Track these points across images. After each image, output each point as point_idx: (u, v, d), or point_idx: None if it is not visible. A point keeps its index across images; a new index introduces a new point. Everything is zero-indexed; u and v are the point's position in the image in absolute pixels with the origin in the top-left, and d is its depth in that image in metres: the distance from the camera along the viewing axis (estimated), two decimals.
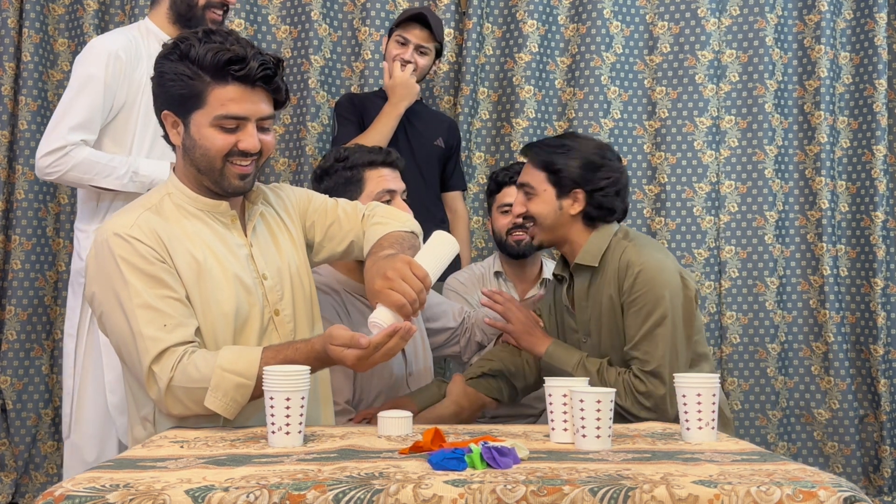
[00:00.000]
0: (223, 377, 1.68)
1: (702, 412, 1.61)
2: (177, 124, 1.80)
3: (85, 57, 2.52)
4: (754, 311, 3.48)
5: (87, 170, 2.44)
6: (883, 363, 3.42)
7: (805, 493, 1.22)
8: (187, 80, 1.75)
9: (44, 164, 2.44)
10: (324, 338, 1.69)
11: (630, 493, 1.22)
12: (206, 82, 1.75)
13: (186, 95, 1.76)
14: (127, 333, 1.72)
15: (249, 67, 1.74)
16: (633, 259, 2.07)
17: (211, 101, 1.75)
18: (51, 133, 2.45)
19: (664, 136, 3.53)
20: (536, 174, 2.17)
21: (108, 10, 3.42)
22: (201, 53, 1.73)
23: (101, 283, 1.75)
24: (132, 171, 2.47)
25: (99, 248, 1.76)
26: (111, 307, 1.74)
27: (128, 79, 2.50)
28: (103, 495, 1.18)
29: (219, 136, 1.77)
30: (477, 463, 1.33)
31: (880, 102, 3.48)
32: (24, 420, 3.31)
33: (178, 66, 1.75)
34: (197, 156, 1.79)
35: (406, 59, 3.04)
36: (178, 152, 1.85)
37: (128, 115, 2.53)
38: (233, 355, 1.71)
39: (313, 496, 1.20)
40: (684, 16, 3.54)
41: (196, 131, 1.77)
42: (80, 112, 2.44)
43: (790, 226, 3.53)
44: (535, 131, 3.46)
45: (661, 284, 2.04)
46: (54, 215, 3.42)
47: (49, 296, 3.39)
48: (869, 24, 3.52)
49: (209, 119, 1.76)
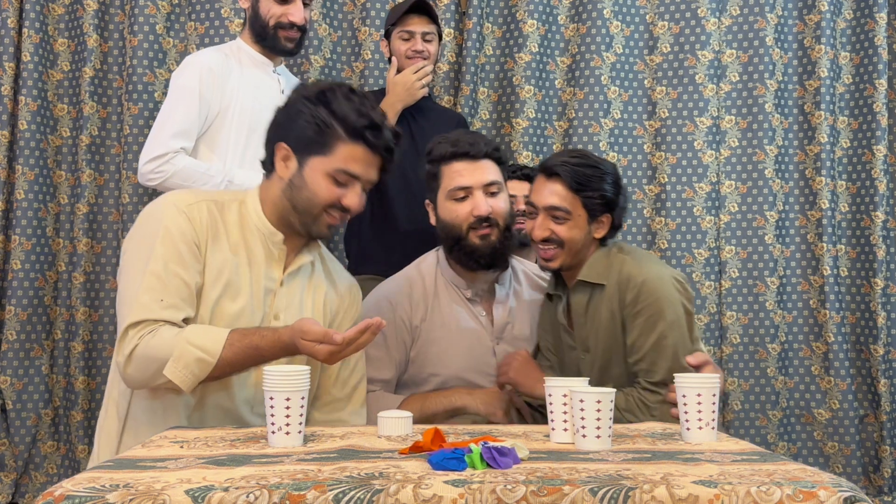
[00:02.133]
0: (186, 349, 1.71)
1: (702, 412, 1.61)
2: (288, 158, 1.86)
3: (181, 71, 2.69)
4: (754, 311, 3.48)
5: (186, 177, 2.56)
6: (883, 363, 3.42)
7: (805, 493, 1.22)
8: (322, 127, 1.81)
9: (147, 170, 2.58)
10: (293, 330, 1.72)
11: (630, 493, 1.22)
12: (338, 135, 1.82)
13: (314, 139, 1.82)
14: (126, 290, 1.77)
15: (383, 137, 1.84)
16: (633, 273, 2.04)
17: (336, 154, 1.82)
18: (153, 141, 2.60)
19: (664, 136, 3.53)
20: (569, 196, 2.05)
21: (108, 10, 3.42)
22: (346, 109, 1.81)
23: (138, 240, 1.82)
24: (227, 181, 2.59)
25: (155, 208, 1.85)
26: (132, 263, 1.80)
27: (220, 90, 2.65)
28: (103, 495, 1.18)
29: (331, 187, 1.84)
30: (477, 463, 1.33)
31: (880, 102, 3.48)
32: (24, 420, 3.31)
33: (317, 110, 1.82)
34: (301, 196, 1.85)
35: (418, 50, 3.00)
36: (277, 182, 1.89)
37: (221, 124, 2.66)
38: (200, 331, 1.75)
39: (313, 496, 1.19)
40: (684, 16, 3.54)
41: (310, 174, 1.84)
42: (178, 121, 2.59)
43: (790, 226, 3.53)
44: (535, 131, 3.46)
45: (663, 296, 2.02)
46: (54, 215, 3.42)
47: (49, 296, 3.39)
48: (869, 24, 3.52)
49: (328, 168, 1.83)
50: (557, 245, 2.07)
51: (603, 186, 2.06)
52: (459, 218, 2.22)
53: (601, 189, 2.05)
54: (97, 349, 3.39)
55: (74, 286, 3.34)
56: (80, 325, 3.33)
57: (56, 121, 3.43)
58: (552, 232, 2.05)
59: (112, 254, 3.40)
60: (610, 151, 3.49)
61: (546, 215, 2.07)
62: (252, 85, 2.71)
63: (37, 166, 3.37)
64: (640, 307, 2.01)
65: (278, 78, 2.82)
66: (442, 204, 2.26)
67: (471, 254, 2.24)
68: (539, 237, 2.08)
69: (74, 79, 3.43)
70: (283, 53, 2.80)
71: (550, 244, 2.08)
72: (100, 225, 3.40)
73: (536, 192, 2.11)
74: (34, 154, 3.36)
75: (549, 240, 2.07)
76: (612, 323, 2.08)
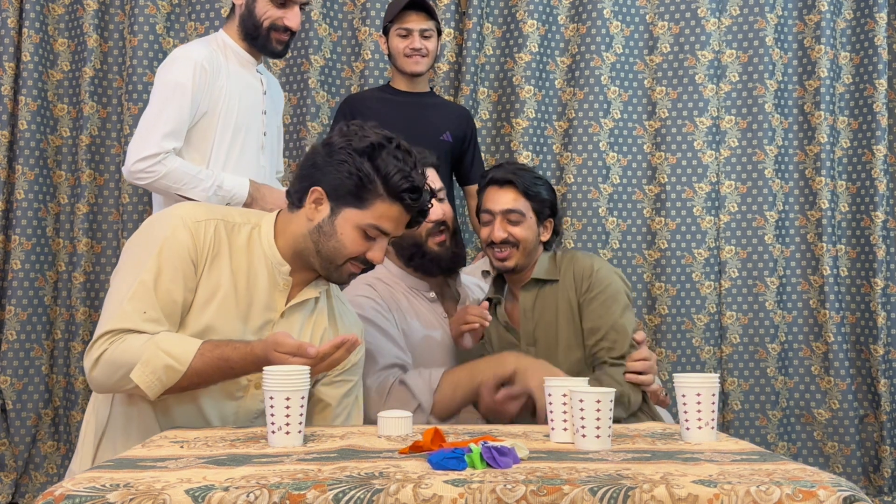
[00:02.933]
0: (156, 354, 1.68)
1: (702, 412, 1.61)
2: (321, 202, 1.84)
3: (171, 65, 2.59)
4: (754, 311, 3.48)
5: (176, 179, 2.52)
6: (883, 363, 3.43)
7: (805, 493, 1.22)
8: (364, 182, 1.80)
9: (137, 169, 2.50)
10: (266, 343, 1.70)
11: (630, 493, 1.22)
12: (378, 192, 1.81)
13: (353, 192, 1.81)
14: (117, 295, 1.76)
15: (421, 200, 1.85)
16: (587, 263, 2.30)
17: (373, 210, 1.82)
18: (144, 140, 2.51)
19: (664, 136, 3.53)
20: (522, 201, 2.30)
21: (108, 10, 3.42)
22: (391, 168, 1.80)
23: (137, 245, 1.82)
24: (217, 185, 2.55)
25: (161, 218, 1.84)
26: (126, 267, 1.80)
27: (210, 89, 2.57)
28: (103, 495, 1.18)
29: (360, 240, 1.83)
30: (477, 463, 1.33)
31: (880, 102, 3.48)
32: (24, 420, 3.31)
33: (362, 163, 1.80)
34: (328, 244, 1.83)
35: (416, 48, 2.97)
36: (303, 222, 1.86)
37: (208, 124, 2.59)
38: (173, 339, 1.72)
39: (313, 496, 1.20)
40: (684, 16, 3.54)
41: (341, 224, 1.83)
42: (170, 120, 2.52)
43: (790, 226, 3.53)
44: (535, 131, 3.46)
45: (614, 282, 2.28)
46: (54, 215, 3.42)
47: (49, 296, 3.39)
48: (869, 24, 3.52)
49: (361, 222, 1.82)
50: (513, 245, 2.30)
51: (545, 193, 2.34)
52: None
53: (545, 195, 2.33)
54: None
55: (74, 286, 3.34)
56: (80, 325, 3.33)
57: (56, 121, 3.44)
58: (509, 233, 2.29)
59: (112, 254, 3.40)
60: (610, 151, 3.49)
61: (503, 218, 2.30)
62: (239, 85, 2.64)
63: (37, 166, 3.37)
64: (596, 292, 2.25)
65: (261, 78, 2.74)
66: None
67: (433, 261, 2.36)
68: (499, 238, 2.29)
69: (74, 79, 3.43)
70: (271, 55, 2.72)
71: (507, 245, 2.30)
72: (100, 225, 3.40)
73: (491, 200, 2.33)
74: (34, 154, 3.37)
75: (506, 241, 2.29)
76: (569, 312, 2.27)
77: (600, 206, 3.47)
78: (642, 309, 3.51)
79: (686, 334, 3.48)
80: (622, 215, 3.51)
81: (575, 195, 3.46)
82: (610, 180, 3.50)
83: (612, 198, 3.50)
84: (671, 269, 3.49)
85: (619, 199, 3.51)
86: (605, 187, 3.49)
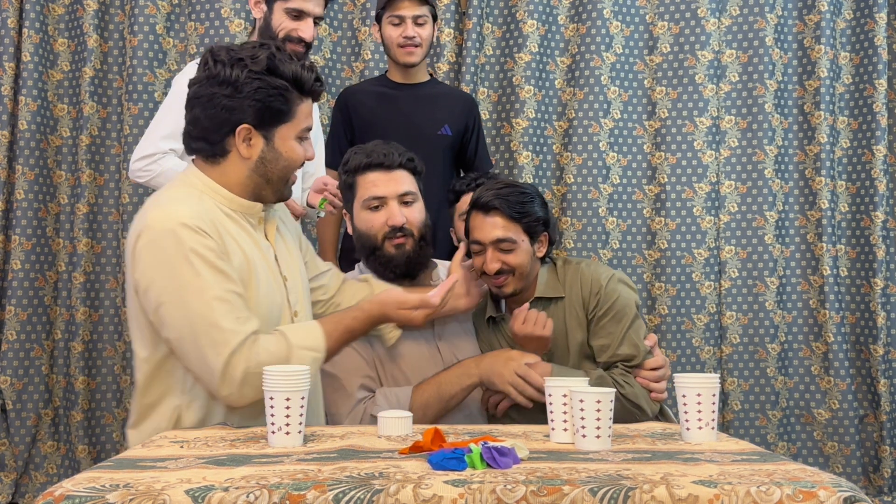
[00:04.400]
0: (302, 354, 1.77)
1: (702, 412, 1.61)
2: (251, 138, 1.83)
3: (182, 75, 2.72)
4: (754, 311, 3.48)
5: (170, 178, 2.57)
6: (883, 363, 3.43)
7: (805, 493, 1.22)
8: (285, 94, 1.83)
9: (136, 167, 2.64)
10: (382, 304, 1.90)
11: (630, 493, 1.22)
12: (296, 97, 1.85)
13: (278, 110, 1.83)
14: (197, 325, 1.70)
15: (322, 84, 1.89)
16: (593, 276, 2.20)
17: (297, 115, 1.86)
18: (146, 140, 2.66)
19: (664, 136, 3.53)
20: (512, 226, 2.15)
21: (108, 11, 3.42)
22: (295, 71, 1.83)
23: (163, 273, 1.73)
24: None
25: (160, 236, 1.73)
26: (176, 298, 1.72)
27: None
28: (103, 495, 1.18)
29: (299, 148, 1.88)
30: (477, 463, 1.33)
31: (880, 102, 3.48)
32: (24, 420, 3.32)
33: (273, 80, 1.81)
34: (277, 167, 1.86)
35: (409, 36, 2.89)
36: (238, 164, 1.85)
37: None
38: (300, 333, 1.80)
39: (313, 496, 1.20)
40: (684, 16, 3.54)
41: (281, 144, 1.85)
42: (171, 123, 2.60)
43: (790, 226, 3.54)
44: (535, 131, 3.46)
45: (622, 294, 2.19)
46: (54, 215, 3.42)
47: (49, 296, 3.39)
48: (869, 24, 3.52)
49: (296, 131, 1.86)
50: (509, 273, 2.17)
51: (535, 209, 2.19)
52: (374, 228, 2.24)
53: (534, 212, 2.18)
54: (97, 349, 3.39)
55: (74, 286, 3.34)
56: (80, 325, 3.33)
57: (56, 121, 3.44)
58: (503, 263, 2.15)
59: (112, 254, 3.40)
60: (610, 151, 3.49)
61: (493, 248, 2.16)
62: None
63: (37, 166, 3.37)
64: (605, 308, 2.17)
65: None
66: (357, 214, 2.28)
67: (386, 263, 2.25)
68: (493, 270, 2.16)
69: (74, 79, 3.43)
70: None
71: (502, 275, 2.17)
72: (100, 225, 3.40)
73: (478, 229, 2.18)
74: (34, 154, 3.37)
75: (501, 271, 2.16)
76: (578, 328, 2.20)
77: (600, 206, 3.47)
78: (642, 309, 3.50)
79: (686, 334, 3.48)
80: (622, 215, 3.51)
81: (575, 195, 3.46)
82: (610, 180, 3.50)
83: (612, 198, 3.50)
84: (671, 269, 3.49)
85: (619, 199, 3.51)
86: (605, 187, 3.49)
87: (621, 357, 2.16)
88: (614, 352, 2.16)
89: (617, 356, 2.16)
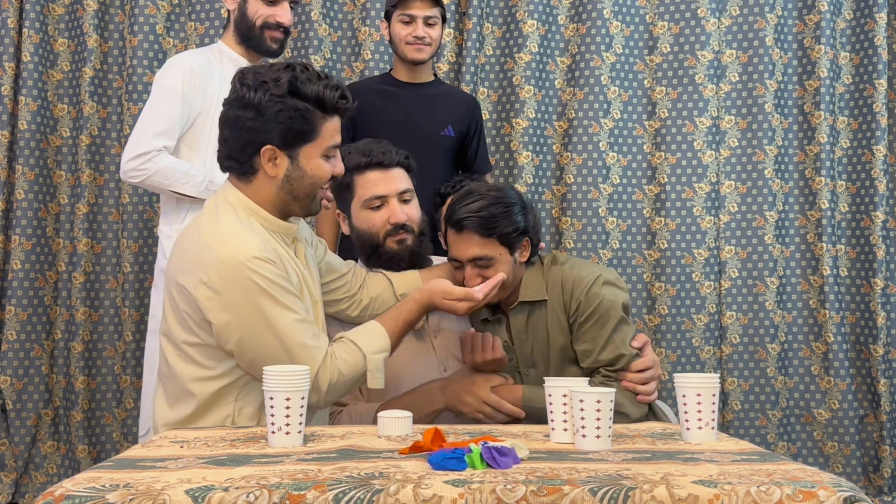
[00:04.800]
0: (374, 359, 1.89)
1: (702, 412, 1.61)
2: (276, 157, 1.87)
3: (164, 71, 2.73)
4: (754, 311, 3.48)
5: (167, 175, 2.62)
6: (883, 363, 3.43)
7: (805, 493, 1.22)
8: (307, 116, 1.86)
9: (129, 168, 2.63)
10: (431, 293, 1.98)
11: (630, 493, 1.22)
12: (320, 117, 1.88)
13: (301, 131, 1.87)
14: (289, 348, 1.80)
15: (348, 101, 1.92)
16: (576, 278, 2.14)
17: (323, 134, 1.89)
18: (136, 139, 2.65)
19: (664, 136, 3.53)
20: (485, 242, 2.08)
21: (108, 10, 3.42)
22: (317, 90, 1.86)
23: (241, 308, 1.78)
24: (208, 180, 2.64)
25: (232, 273, 1.78)
26: (257, 329, 1.80)
27: (202, 91, 2.69)
28: (103, 495, 1.18)
29: (326, 165, 1.92)
30: (477, 463, 1.33)
31: (880, 102, 3.48)
32: (24, 420, 3.32)
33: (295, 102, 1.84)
34: (303, 185, 1.90)
35: (419, 36, 2.88)
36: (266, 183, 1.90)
37: (202, 125, 2.70)
38: (367, 338, 1.92)
39: (313, 496, 1.20)
40: (684, 16, 3.54)
41: (306, 162, 1.90)
42: (161, 120, 2.64)
43: (790, 226, 3.54)
44: (535, 131, 3.46)
45: (605, 299, 2.12)
46: (54, 215, 3.42)
47: (49, 296, 3.39)
48: (869, 24, 3.52)
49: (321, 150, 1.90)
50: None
51: (512, 219, 2.10)
52: (376, 226, 2.25)
53: (511, 223, 2.09)
54: (97, 349, 3.39)
55: (74, 286, 3.34)
56: (80, 325, 3.33)
57: (56, 121, 3.44)
58: (483, 278, 2.10)
59: (112, 254, 3.40)
60: (610, 151, 3.49)
61: (472, 266, 2.12)
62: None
63: (37, 166, 3.37)
64: (587, 314, 2.12)
65: None
66: (357, 213, 2.28)
67: (389, 259, 2.27)
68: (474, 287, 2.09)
69: (74, 79, 3.43)
70: (267, 54, 2.79)
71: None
72: (100, 225, 3.40)
73: (454, 247, 2.14)
74: (34, 154, 3.37)
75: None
76: (560, 332, 2.16)
77: (600, 206, 3.47)
78: (642, 309, 3.51)
79: (686, 334, 3.48)
80: (622, 215, 3.51)
81: (575, 195, 3.46)
82: (610, 180, 3.50)
83: (612, 198, 3.50)
84: (671, 269, 3.49)
85: (619, 199, 3.51)
86: (605, 187, 3.49)
87: (604, 362, 2.12)
88: (597, 357, 2.12)
89: (599, 361, 2.13)
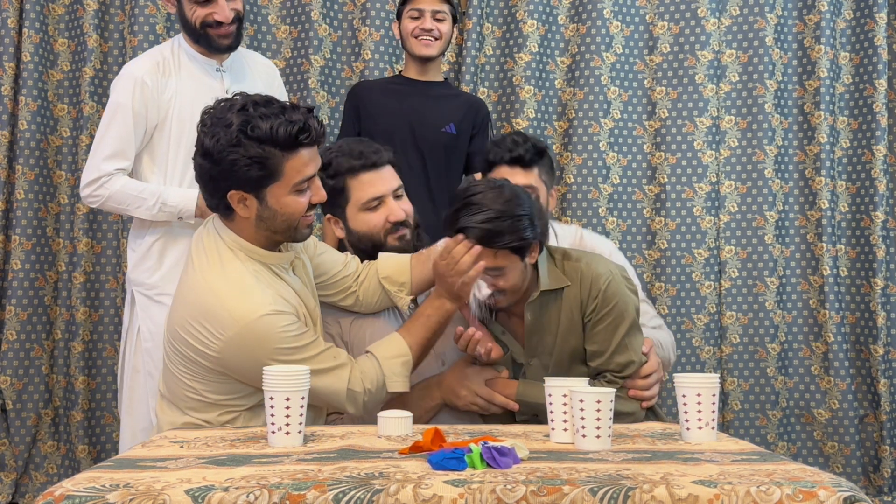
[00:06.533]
0: (390, 364, 1.94)
1: (702, 412, 1.61)
2: (245, 199, 1.85)
3: (115, 85, 2.65)
4: (754, 311, 3.48)
5: (120, 200, 2.58)
6: (883, 363, 3.43)
7: (805, 493, 1.22)
8: (263, 160, 1.80)
9: (84, 195, 2.61)
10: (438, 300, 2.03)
11: (630, 493, 1.22)
12: (280, 156, 1.82)
13: (261, 174, 1.82)
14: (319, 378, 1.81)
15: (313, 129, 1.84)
16: (594, 276, 2.10)
17: (288, 171, 1.83)
18: (88, 165, 2.61)
19: (664, 136, 3.53)
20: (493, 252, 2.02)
21: (108, 10, 3.42)
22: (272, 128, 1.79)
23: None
24: (161, 202, 2.57)
25: (243, 336, 1.79)
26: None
27: (156, 103, 2.59)
28: (103, 495, 1.18)
29: (297, 199, 1.88)
30: (477, 463, 1.33)
31: (880, 102, 3.48)
32: (24, 420, 3.31)
33: (248, 147, 1.79)
34: (277, 221, 1.88)
35: (426, 28, 2.88)
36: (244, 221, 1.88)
37: (160, 136, 2.62)
38: (383, 347, 1.98)
39: (313, 496, 1.20)
40: (684, 16, 3.54)
41: (274, 201, 1.86)
42: (111, 142, 2.57)
43: (790, 226, 3.54)
44: (535, 131, 3.46)
45: (621, 299, 2.09)
46: (54, 215, 3.42)
47: (49, 296, 3.39)
48: (869, 24, 3.52)
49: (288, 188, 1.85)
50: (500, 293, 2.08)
51: (518, 228, 2.02)
52: (376, 226, 2.26)
53: (518, 231, 2.02)
54: (97, 349, 3.39)
55: (74, 286, 3.34)
56: (80, 325, 3.33)
57: (56, 121, 3.44)
58: (494, 286, 2.06)
59: (112, 254, 3.40)
60: (610, 151, 3.49)
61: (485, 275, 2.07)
62: (191, 91, 2.61)
63: (37, 166, 3.37)
64: (602, 314, 2.09)
65: (222, 76, 2.68)
66: (354, 216, 2.27)
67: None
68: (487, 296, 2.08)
69: (74, 79, 3.43)
70: (219, 50, 2.65)
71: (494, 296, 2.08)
72: (100, 225, 3.40)
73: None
74: (34, 154, 3.37)
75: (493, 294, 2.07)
76: (570, 329, 2.12)
77: (600, 206, 3.47)
78: None
79: (686, 334, 3.48)
80: (622, 215, 3.51)
81: (575, 195, 3.46)
82: (610, 180, 3.50)
83: (612, 198, 3.50)
84: (671, 269, 3.49)
85: (619, 199, 3.51)
86: (605, 187, 3.49)
87: (613, 367, 2.10)
88: (607, 359, 2.10)
89: (609, 365, 2.10)
